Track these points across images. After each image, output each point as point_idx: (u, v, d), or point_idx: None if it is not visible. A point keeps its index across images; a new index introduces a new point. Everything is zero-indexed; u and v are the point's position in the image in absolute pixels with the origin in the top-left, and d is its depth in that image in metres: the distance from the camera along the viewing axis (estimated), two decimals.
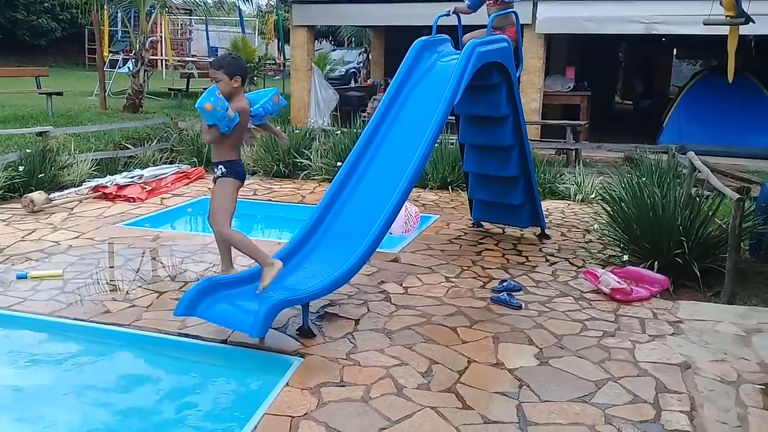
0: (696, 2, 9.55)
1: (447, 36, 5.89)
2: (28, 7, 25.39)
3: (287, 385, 3.57)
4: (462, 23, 6.22)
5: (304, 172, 9.31)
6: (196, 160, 9.72)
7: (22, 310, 4.48)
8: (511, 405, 3.45)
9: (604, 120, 14.85)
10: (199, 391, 3.71)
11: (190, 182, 8.87)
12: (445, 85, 5.12)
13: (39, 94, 11.78)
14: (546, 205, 7.44)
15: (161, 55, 20.40)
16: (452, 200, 8.16)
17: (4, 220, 6.66)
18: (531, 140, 6.75)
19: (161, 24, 18.97)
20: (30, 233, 6.27)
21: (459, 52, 5.49)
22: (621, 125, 15.34)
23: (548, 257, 5.97)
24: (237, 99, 4.28)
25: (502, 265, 5.69)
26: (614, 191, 6.38)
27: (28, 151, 8.03)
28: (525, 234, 6.68)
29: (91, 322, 4.31)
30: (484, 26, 5.81)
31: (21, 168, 7.66)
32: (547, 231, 6.63)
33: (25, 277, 5.04)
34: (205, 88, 13.20)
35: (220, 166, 4.41)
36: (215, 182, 4.47)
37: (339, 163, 8.56)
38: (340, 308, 4.65)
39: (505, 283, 5.11)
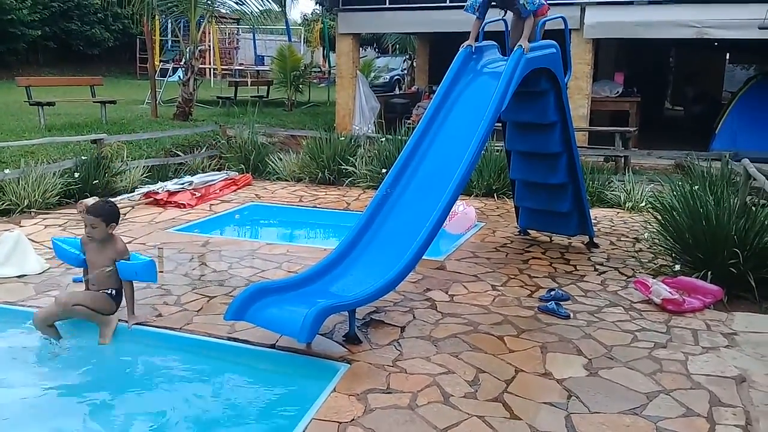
0: (750, 6, 9.35)
1: (494, 42, 5.87)
2: (82, 18, 26.23)
3: (334, 390, 3.59)
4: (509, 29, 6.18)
5: (349, 179, 9.37)
6: (243, 166, 9.90)
7: None
8: (559, 416, 3.41)
9: (654, 126, 14.57)
10: (247, 395, 3.77)
11: (238, 188, 9.03)
12: (492, 92, 5.11)
13: (93, 102, 12.12)
14: (594, 213, 7.33)
15: (210, 63, 20.82)
16: (498, 208, 8.10)
17: (60, 225, 6.88)
18: (579, 147, 6.66)
19: (210, 33, 19.38)
20: None
21: (506, 58, 5.46)
22: (672, 132, 15.01)
23: (597, 266, 5.88)
24: (112, 243, 4.35)
25: (550, 274, 5.63)
26: (665, 199, 6.25)
27: (83, 157, 8.28)
28: (573, 242, 6.59)
29: (145, 325, 4.42)
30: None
31: (76, 174, 7.91)
32: (595, 239, 6.53)
33: (81, 281, 5.18)
34: (253, 96, 13.43)
35: (112, 290, 4.38)
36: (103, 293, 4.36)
37: (384, 171, 8.61)
38: (386, 315, 4.66)
39: (552, 293, 5.05)
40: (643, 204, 7.74)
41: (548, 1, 10.67)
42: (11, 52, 24.04)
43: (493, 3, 5.52)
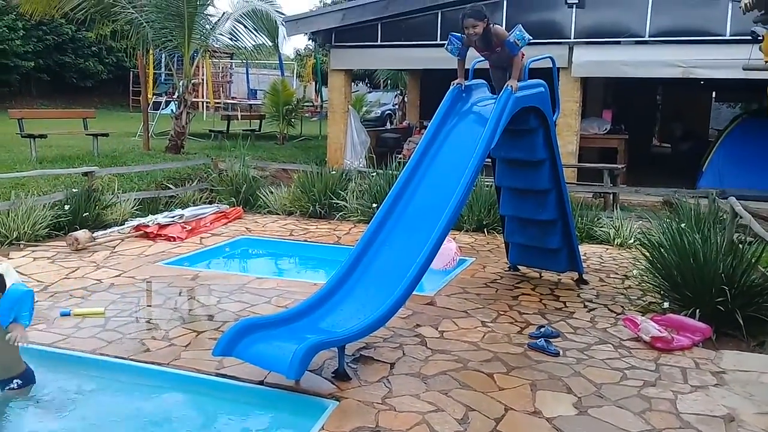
0: (735, 46, 9.55)
1: (483, 81, 5.96)
2: (76, 51, 26.44)
3: (322, 429, 3.56)
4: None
5: (340, 213, 9.39)
6: (234, 200, 9.91)
7: (64, 347, 4.58)
8: None
9: (642, 163, 14.72)
10: (235, 431, 3.73)
11: (229, 222, 9.02)
12: (482, 129, 5.17)
13: (86, 135, 12.16)
14: (584, 249, 7.37)
15: (202, 97, 20.96)
16: (488, 243, 8.14)
17: (49, 258, 6.84)
18: (567, 183, 6.72)
19: (203, 67, 19.54)
20: (74, 271, 6.43)
21: (495, 96, 5.54)
22: (659, 169, 15.17)
23: (586, 303, 5.90)
24: None
25: (540, 311, 5.63)
26: (653, 236, 6.31)
27: (74, 190, 8.28)
28: (562, 279, 6.61)
29: (131, 360, 4.38)
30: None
31: (67, 207, 7.90)
32: (585, 276, 6.56)
33: (69, 315, 5.16)
34: (245, 130, 13.57)
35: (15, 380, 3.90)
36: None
37: (375, 205, 8.65)
38: (375, 351, 4.64)
39: (542, 329, 5.05)
40: (632, 241, 7.79)
41: (536, 40, 10.86)
42: (4, 84, 24.16)
43: (476, 46, 5.59)
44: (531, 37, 5.38)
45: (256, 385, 4.08)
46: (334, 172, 10.13)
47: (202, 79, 20.41)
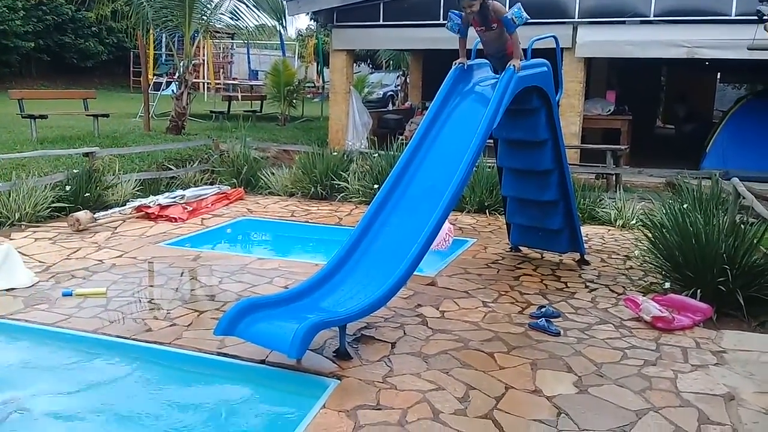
0: (740, 26, 9.46)
1: (486, 60, 5.92)
2: (76, 31, 26.30)
3: (324, 407, 3.58)
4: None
5: (342, 194, 9.38)
6: (235, 181, 9.90)
7: (66, 326, 4.59)
8: None
9: (645, 144, 14.66)
10: (237, 411, 3.74)
11: (230, 203, 9.02)
12: (484, 110, 5.14)
13: (86, 115, 12.12)
14: (585, 230, 7.36)
15: (203, 78, 20.86)
16: (489, 224, 8.13)
17: (50, 239, 6.85)
18: (570, 164, 6.70)
19: (204, 47, 19.42)
20: (75, 251, 6.43)
21: (498, 76, 5.50)
22: (663, 150, 15.12)
23: (588, 283, 5.90)
24: None
25: (541, 291, 5.64)
26: (656, 217, 6.29)
27: (74, 171, 8.26)
28: (564, 259, 6.61)
29: (133, 339, 4.40)
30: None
31: (68, 188, 7.88)
32: (586, 257, 6.55)
33: (71, 295, 5.17)
34: (246, 111, 13.59)
35: None
36: None
37: (376, 186, 8.63)
38: (376, 331, 4.65)
39: (543, 309, 5.06)
40: (634, 222, 7.78)
41: (539, 20, 10.75)
42: (4, 64, 24.06)
43: (473, 21, 5.54)
44: (529, 17, 5.32)
45: (257, 364, 4.09)
46: (335, 153, 10.10)
47: (203, 60, 20.29)
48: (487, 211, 8.60)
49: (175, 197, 8.38)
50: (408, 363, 4.15)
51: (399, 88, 23.13)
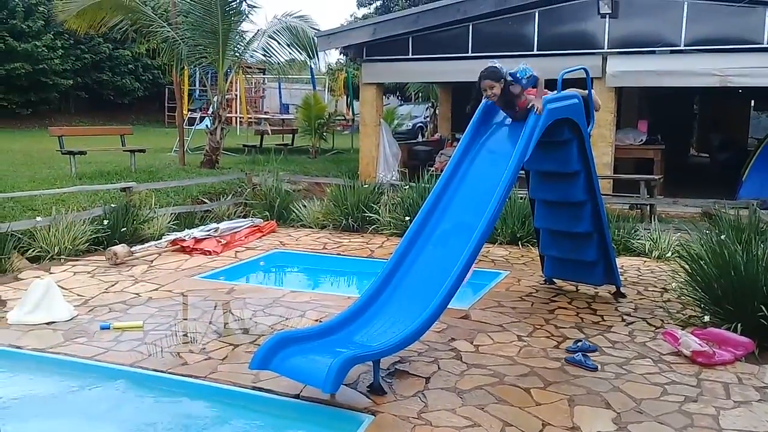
0: None
1: None
2: (113, 69, 27.08)
3: None
4: None
5: (373, 226, 9.41)
6: (268, 214, 10.00)
7: (105, 360, 4.66)
8: None
9: (679, 174, 14.49)
10: None
11: (263, 236, 9.11)
12: (516, 142, 5.15)
13: (123, 151, 12.41)
14: (621, 262, 7.26)
15: (236, 112, 21.26)
16: (522, 256, 8.07)
17: (89, 272, 6.98)
18: (603, 194, 6.64)
19: (236, 82, 19.83)
20: (113, 285, 6.55)
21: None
22: (697, 179, 14.91)
23: (624, 317, 5.80)
24: None
25: (576, 325, 5.56)
26: (693, 248, 6.18)
27: (112, 205, 8.45)
28: (599, 292, 6.52)
29: (169, 373, 4.44)
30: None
31: (106, 222, 8.05)
32: (622, 289, 6.45)
33: (108, 328, 5.26)
34: (278, 144, 13.70)
35: None
36: None
37: (407, 218, 8.65)
38: (410, 365, 4.62)
39: (579, 344, 4.98)
40: (670, 253, 7.66)
41: (569, 51, 10.78)
42: (44, 102, 24.81)
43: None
44: (536, 75, 5.24)
45: (292, 399, 4.09)
46: (366, 186, 10.16)
47: (236, 95, 20.71)
48: (519, 242, 8.54)
49: (209, 230, 8.49)
50: (443, 398, 4.12)
51: (428, 119, 23.27)
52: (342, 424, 3.83)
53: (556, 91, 5.58)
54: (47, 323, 5.33)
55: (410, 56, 12.60)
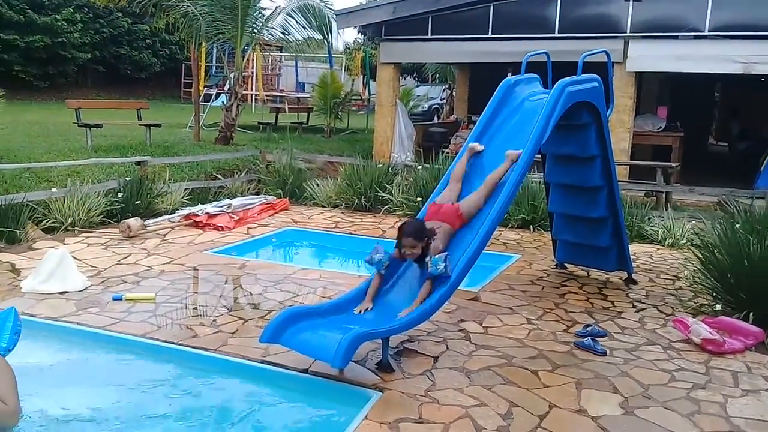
0: None
1: (536, 75, 5.89)
2: (131, 43, 27.13)
3: (366, 418, 3.58)
4: (552, 61, 6.18)
5: (385, 207, 9.41)
6: (281, 191, 10.02)
7: (117, 330, 4.71)
8: None
9: (697, 162, 14.33)
10: (280, 418, 3.77)
11: (275, 213, 9.13)
12: (533, 124, 5.10)
13: (139, 125, 12.45)
14: (633, 248, 7.21)
15: (252, 89, 21.23)
16: (534, 240, 8.04)
17: (102, 244, 7.04)
18: (619, 181, 6.59)
19: (253, 60, 19.78)
20: (126, 257, 6.60)
21: (548, 91, 5.46)
22: (715, 168, 14.74)
23: (635, 303, 5.78)
24: None
25: (587, 309, 5.54)
26: (707, 237, 6.13)
27: (127, 179, 8.50)
28: (611, 278, 6.49)
29: (180, 345, 4.48)
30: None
31: (120, 195, 8.10)
32: (634, 276, 6.42)
33: (121, 299, 5.31)
34: (293, 122, 13.69)
35: None
36: None
37: (419, 199, 8.64)
38: (419, 344, 4.64)
39: (589, 328, 4.97)
40: (684, 241, 7.60)
41: (592, 33, 10.63)
42: (62, 75, 24.93)
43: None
44: (449, 275, 4.38)
45: (301, 373, 4.12)
46: (380, 166, 10.15)
47: (252, 72, 20.67)
48: (531, 226, 8.51)
49: (222, 206, 8.52)
50: (450, 378, 4.13)
51: (445, 101, 23.15)
52: (350, 400, 3.84)
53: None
54: (60, 293, 5.39)
55: (429, 36, 12.51)
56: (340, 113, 17.37)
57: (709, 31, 10.38)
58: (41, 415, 3.52)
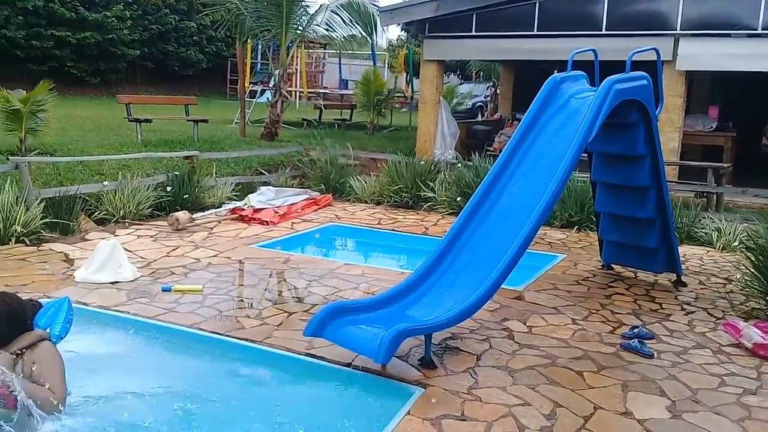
0: None
1: (583, 72, 5.80)
2: (178, 40, 27.59)
3: (408, 413, 3.60)
4: (599, 59, 6.09)
5: (428, 204, 9.40)
6: (324, 187, 10.10)
7: (166, 320, 4.82)
8: None
9: (750, 163, 13.94)
10: (323, 411, 3.80)
11: (319, 209, 9.21)
12: (580, 122, 5.04)
13: (187, 120, 12.67)
14: (683, 250, 7.06)
15: (296, 86, 21.42)
16: (580, 240, 7.93)
17: (151, 236, 7.21)
18: (668, 181, 6.45)
19: (298, 56, 19.95)
20: (174, 249, 6.74)
21: (595, 88, 5.39)
22: None
23: (684, 306, 5.66)
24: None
25: (634, 311, 5.45)
26: (760, 240, 5.96)
27: (175, 173, 8.67)
28: (659, 280, 6.37)
29: (227, 336, 4.56)
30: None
31: (169, 188, 8.28)
32: (683, 278, 6.29)
33: (169, 290, 5.43)
34: (336, 119, 13.77)
35: None
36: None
37: (459, 198, 8.61)
38: (462, 342, 4.63)
39: (636, 330, 4.89)
40: (736, 243, 7.41)
41: (641, 30, 10.46)
42: (112, 71, 25.51)
43: None
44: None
45: (344, 367, 4.15)
46: (423, 163, 10.14)
47: (296, 69, 20.85)
48: (577, 226, 8.40)
49: (262, 193, 8.67)
50: (493, 376, 4.11)
51: (489, 99, 22.96)
52: (392, 395, 3.86)
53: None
54: (112, 283, 5.54)
55: (473, 33, 12.42)
56: (383, 110, 17.38)
57: (762, 29, 10.07)
58: (90, 402, 3.61)
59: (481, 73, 26.48)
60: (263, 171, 10.39)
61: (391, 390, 3.95)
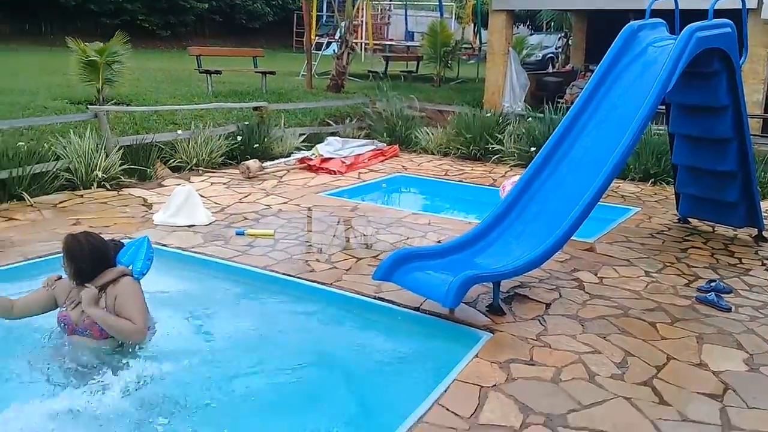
0: None
1: (662, 20, 5.55)
2: None
3: (477, 356, 3.63)
4: (680, 7, 5.80)
5: (496, 156, 9.28)
6: (390, 138, 10.08)
7: (240, 261, 4.98)
8: (713, 407, 3.24)
9: None
10: (392, 351, 3.89)
11: (385, 159, 9.23)
12: (658, 72, 4.84)
13: (255, 72, 12.80)
14: (765, 205, 6.78)
15: (362, 38, 21.26)
16: (655, 194, 7.71)
17: (224, 183, 7.40)
18: (752, 135, 6.16)
19: (364, 9, 19.75)
20: (246, 196, 6.91)
21: (675, 36, 5.15)
22: None
23: (765, 261, 5.47)
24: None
25: (711, 265, 5.30)
26: None
27: (245, 123, 8.82)
28: (739, 234, 6.16)
29: (299, 278, 4.69)
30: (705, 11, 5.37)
31: (239, 138, 8.44)
32: (765, 233, 6.05)
33: (243, 234, 5.59)
34: (402, 71, 13.58)
35: None
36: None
37: (533, 149, 8.45)
38: (530, 291, 4.61)
39: (713, 284, 4.76)
40: None
41: None
42: (181, 24, 25.93)
43: None
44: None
45: (412, 311, 4.22)
46: (490, 115, 9.98)
47: (362, 21, 20.66)
48: (652, 180, 8.16)
49: (330, 142, 8.78)
50: (563, 324, 4.09)
51: (560, 50, 22.26)
52: (461, 338, 3.90)
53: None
54: (188, 226, 5.74)
55: None
56: (449, 62, 17.09)
57: None
58: (169, 336, 3.76)
59: (552, 24, 25.61)
60: (330, 122, 10.45)
61: (459, 334, 3.99)
